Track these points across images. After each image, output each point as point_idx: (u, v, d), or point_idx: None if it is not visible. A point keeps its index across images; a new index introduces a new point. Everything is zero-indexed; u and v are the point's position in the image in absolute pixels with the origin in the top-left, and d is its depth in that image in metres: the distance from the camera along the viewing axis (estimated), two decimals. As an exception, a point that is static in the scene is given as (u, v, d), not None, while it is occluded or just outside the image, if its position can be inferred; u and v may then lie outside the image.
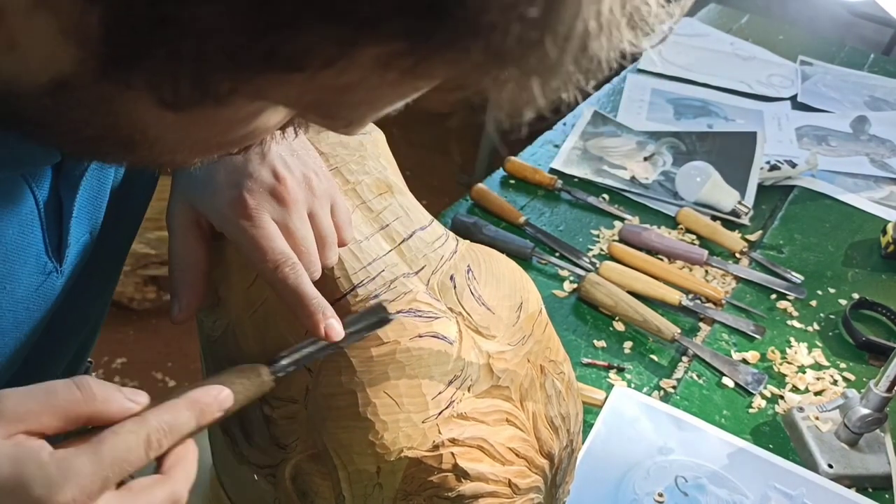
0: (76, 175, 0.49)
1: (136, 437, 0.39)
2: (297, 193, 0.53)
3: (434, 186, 2.75)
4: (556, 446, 0.57)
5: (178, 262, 0.55)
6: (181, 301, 0.55)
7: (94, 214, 0.53)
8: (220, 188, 0.53)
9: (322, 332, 0.48)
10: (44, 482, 0.36)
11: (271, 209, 0.52)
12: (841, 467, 0.84)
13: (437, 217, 0.96)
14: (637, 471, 0.80)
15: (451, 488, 0.51)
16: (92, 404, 0.39)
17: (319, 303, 0.49)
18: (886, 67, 1.76)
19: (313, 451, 0.52)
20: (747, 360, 0.96)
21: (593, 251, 1.10)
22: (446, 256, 0.59)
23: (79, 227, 0.51)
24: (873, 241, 1.20)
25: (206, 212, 0.54)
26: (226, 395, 0.44)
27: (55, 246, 0.50)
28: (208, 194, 0.54)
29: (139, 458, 0.39)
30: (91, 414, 0.39)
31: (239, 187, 0.52)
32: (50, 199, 0.48)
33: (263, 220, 0.51)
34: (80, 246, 0.52)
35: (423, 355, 0.52)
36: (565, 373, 0.61)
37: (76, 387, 0.38)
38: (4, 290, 0.47)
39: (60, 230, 0.50)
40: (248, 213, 0.51)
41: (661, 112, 1.46)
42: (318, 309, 0.49)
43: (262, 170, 0.53)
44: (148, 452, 0.39)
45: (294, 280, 0.50)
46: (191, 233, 0.55)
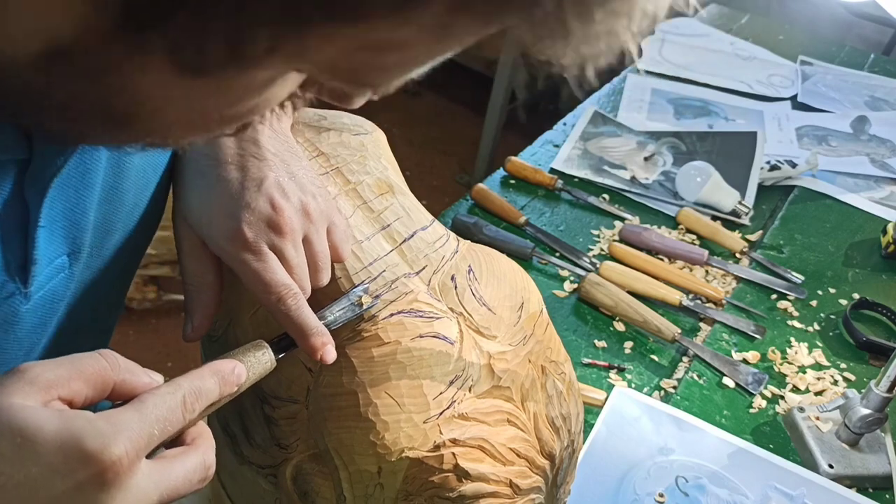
0: (45, 176, 0.45)
1: (174, 399, 0.40)
2: (293, 223, 0.53)
3: (434, 186, 2.75)
4: (557, 446, 0.57)
5: (192, 281, 0.55)
6: (194, 321, 0.54)
7: (72, 232, 0.49)
8: (216, 218, 0.53)
9: (318, 356, 0.50)
10: (95, 435, 0.36)
11: (268, 239, 0.52)
12: (841, 467, 0.84)
13: (438, 217, 0.96)
14: (637, 471, 0.80)
15: (453, 488, 0.51)
16: (118, 373, 0.40)
17: (319, 330, 0.50)
18: (886, 67, 1.76)
19: (314, 451, 0.52)
20: (748, 360, 0.96)
21: (593, 251, 1.10)
22: (447, 257, 0.59)
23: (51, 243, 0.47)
24: (873, 241, 1.20)
25: (205, 239, 0.54)
26: (241, 369, 0.45)
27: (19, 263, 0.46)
28: (205, 223, 0.53)
29: (178, 420, 0.40)
30: (117, 383, 0.39)
31: (237, 219, 0.52)
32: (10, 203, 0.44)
33: (263, 250, 0.51)
34: (53, 268, 0.49)
35: (424, 355, 0.52)
36: (566, 373, 0.61)
37: (101, 357, 0.39)
38: None
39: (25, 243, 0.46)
40: (248, 247, 0.51)
41: (661, 112, 1.46)
42: (318, 339, 0.50)
43: (259, 199, 0.53)
44: (184, 414, 0.41)
45: (296, 311, 0.50)
46: (201, 254, 0.55)
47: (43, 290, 0.49)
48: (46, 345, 0.53)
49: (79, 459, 0.35)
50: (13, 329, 0.49)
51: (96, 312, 0.58)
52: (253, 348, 0.47)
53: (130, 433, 0.37)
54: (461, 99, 3.17)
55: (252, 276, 0.51)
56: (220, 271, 0.55)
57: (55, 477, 0.35)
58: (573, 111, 1.41)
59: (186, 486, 0.40)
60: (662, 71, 1.58)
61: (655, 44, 1.68)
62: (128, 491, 0.37)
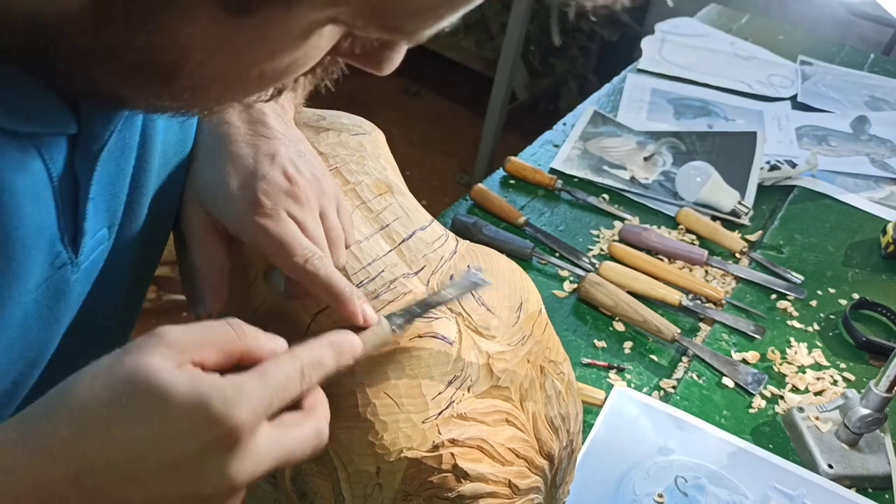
0: (94, 150, 0.46)
1: (293, 368, 0.41)
2: (309, 193, 0.54)
3: (434, 186, 2.75)
4: (555, 446, 0.57)
5: (202, 264, 0.55)
6: (207, 303, 0.54)
7: (112, 206, 0.50)
8: (232, 192, 0.53)
9: (360, 319, 0.49)
10: (221, 399, 0.37)
11: (287, 207, 0.52)
12: (841, 467, 0.84)
13: (437, 217, 0.96)
14: (637, 471, 0.80)
15: (451, 489, 0.51)
16: (244, 340, 0.41)
17: (353, 290, 0.50)
18: (886, 67, 1.76)
19: (313, 451, 0.52)
20: (747, 360, 0.96)
21: (593, 251, 1.10)
22: (446, 257, 0.59)
23: (95, 216, 0.49)
24: (873, 241, 1.20)
25: (220, 216, 0.54)
26: (357, 341, 0.46)
27: (71, 233, 0.47)
28: (220, 198, 0.54)
29: (296, 388, 0.41)
30: (244, 350, 0.41)
31: (253, 189, 0.52)
32: (64, 176, 0.45)
33: (282, 216, 0.52)
34: (95, 240, 0.50)
35: (422, 356, 0.52)
36: (565, 373, 0.61)
37: (230, 325, 0.41)
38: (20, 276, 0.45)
39: (76, 215, 0.47)
40: (267, 213, 0.51)
41: (661, 112, 1.46)
42: (353, 296, 0.50)
43: (273, 171, 0.53)
44: (302, 383, 0.42)
45: (325, 272, 0.50)
46: (211, 236, 0.55)
47: (87, 261, 0.50)
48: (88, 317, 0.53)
49: (205, 422, 0.37)
50: (64, 298, 0.49)
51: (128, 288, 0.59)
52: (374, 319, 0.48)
53: (253, 399, 0.38)
54: (461, 99, 3.17)
55: (274, 242, 0.51)
56: (230, 256, 0.55)
57: (184, 436, 0.37)
58: (573, 111, 1.41)
59: (301, 453, 0.42)
60: (662, 71, 1.58)
61: (655, 44, 1.68)
62: (248, 454, 0.38)
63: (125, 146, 0.49)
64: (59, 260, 0.47)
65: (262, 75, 0.38)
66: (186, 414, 0.37)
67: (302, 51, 0.37)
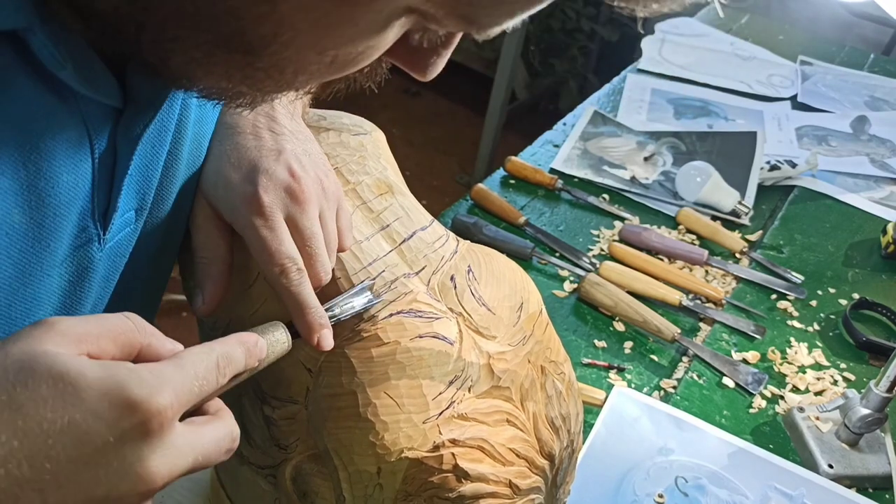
0: (138, 127, 0.45)
1: (209, 360, 0.40)
2: (311, 193, 0.53)
3: (434, 186, 2.75)
4: (556, 447, 0.57)
5: (204, 254, 0.54)
6: (206, 293, 0.54)
7: (143, 188, 0.49)
8: (233, 184, 0.53)
9: (314, 341, 0.49)
10: (140, 384, 0.35)
11: (284, 206, 0.52)
12: (841, 467, 0.84)
13: (437, 217, 0.96)
14: (637, 471, 0.80)
15: (452, 489, 0.51)
16: (144, 335, 0.39)
17: (316, 312, 0.50)
18: (886, 67, 1.76)
19: (314, 451, 0.52)
20: (747, 360, 0.96)
21: (593, 251, 1.10)
22: (447, 257, 0.59)
23: (128, 195, 0.48)
24: (873, 241, 1.20)
25: (219, 207, 0.54)
26: (263, 343, 0.44)
27: (102, 208, 0.46)
28: (221, 188, 0.53)
29: (213, 381, 0.40)
30: (143, 346, 0.39)
31: (254, 184, 0.52)
32: (106, 149, 0.44)
33: (275, 219, 0.51)
34: (123, 221, 0.49)
35: (423, 356, 0.52)
36: (566, 373, 0.61)
37: (127, 318, 0.39)
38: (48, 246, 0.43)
39: (110, 190, 0.46)
40: (261, 211, 0.51)
41: (661, 112, 1.46)
42: (314, 319, 0.49)
43: (277, 167, 0.53)
44: (218, 377, 0.40)
45: (297, 287, 0.50)
46: (213, 226, 0.54)
47: (113, 241, 0.48)
48: (108, 301, 0.52)
49: (124, 407, 0.34)
50: (87, 277, 0.48)
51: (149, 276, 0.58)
52: (271, 327, 0.47)
53: (175, 385, 0.36)
54: (461, 99, 3.17)
55: (259, 243, 0.50)
56: (232, 245, 0.55)
57: (99, 423, 0.34)
58: (573, 111, 1.41)
59: (216, 454, 0.40)
60: (662, 71, 1.58)
61: (655, 44, 1.68)
62: (168, 447, 0.36)
63: (163, 129, 0.49)
64: (87, 234, 0.46)
65: (333, 62, 0.37)
66: (102, 399, 0.34)
67: (376, 40, 0.37)
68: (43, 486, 0.33)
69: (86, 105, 0.42)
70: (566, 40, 2.98)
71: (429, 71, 0.42)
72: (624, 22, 2.88)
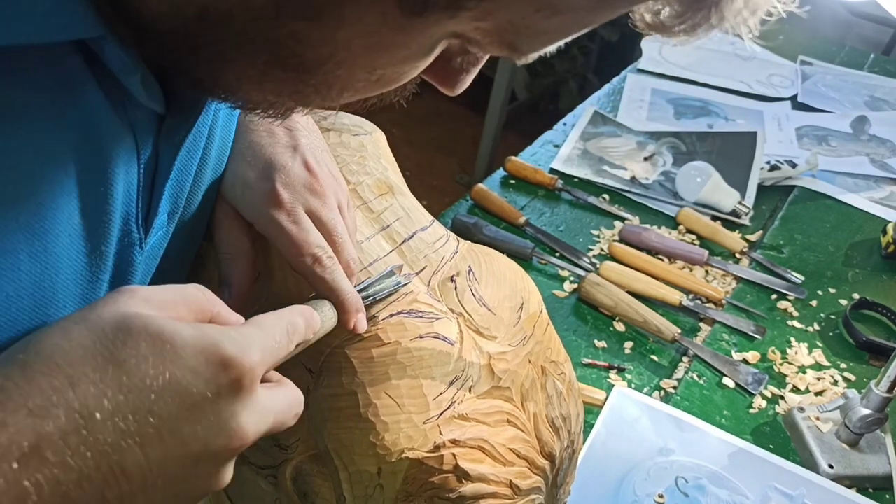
0: (180, 132, 0.46)
1: (281, 327, 0.41)
2: (328, 185, 0.54)
3: (434, 186, 2.75)
4: (557, 447, 0.57)
5: (228, 249, 0.54)
6: (232, 290, 0.54)
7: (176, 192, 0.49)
8: (251, 182, 0.53)
9: (351, 325, 0.50)
10: (233, 343, 0.36)
11: (304, 200, 0.52)
12: (841, 468, 0.84)
13: (437, 217, 0.96)
14: (637, 471, 0.80)
15: (452, 489, 0.51)
16: (214, 305, 0.40)
17: (354, 298, 0.50)
18: (886, 67, 1.76)
19: (314, 451, 0.52)
20: (748, 360, 0.96)
21: (593, 251, 1.10)
22: (447, 257, 0.59)
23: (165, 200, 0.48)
24: (873, 241, 1.20)
25: (238, 206, 0.54)
26: (317, 317, 0.46)
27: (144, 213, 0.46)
28: (239, 185, 0.53)
29: (285, 345, 0.41)
30: (213, 314, 0.40)
31: (272, 181, 0.52)
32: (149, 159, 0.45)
33: (298, 212, 0.51)
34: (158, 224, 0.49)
35: (424, 356, 0.52)
36: (566, 373, 0.61)
37: (197, 288, 0.40)
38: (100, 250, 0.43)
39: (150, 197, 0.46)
40: (283, 206, 0.51)
41: (661, 112, 1.46)
42: (352, 306, 0.50)
43: (294, 162, 0.53)
44: (288, 343, 0.41)
45: (331, 274, 0.50)
46: (236, 222, 0.54)
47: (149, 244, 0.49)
48: None
49: (219, 363, 0.35)
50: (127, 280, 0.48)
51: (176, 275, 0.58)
52: (319, 304, 0.48)
53: (261, 345, 0.38)
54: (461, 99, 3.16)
55: (286, 238, 0.51)
56: (254, 240, 0.55)
57: (198, 379, 0.35)
58: (573, 111, 1.41)
59: (289, 416, 0.41)
60: (662, 71, 1.58)
61: (655, 44, 1.68)
62: (255, 404, 0.37)
63: (198, 135, 0.49)
64: (130, 238, 0.46)
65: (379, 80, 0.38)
66: (197, 356, 0.35)
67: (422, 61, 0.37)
68: (145, 440, 0.34)
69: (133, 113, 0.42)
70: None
71: (458, 87, 0.43)
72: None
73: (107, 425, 0.33)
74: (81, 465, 0.33)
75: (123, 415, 0.33)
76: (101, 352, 0.34)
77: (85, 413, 0.33)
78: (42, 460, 0.32)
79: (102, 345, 0.34)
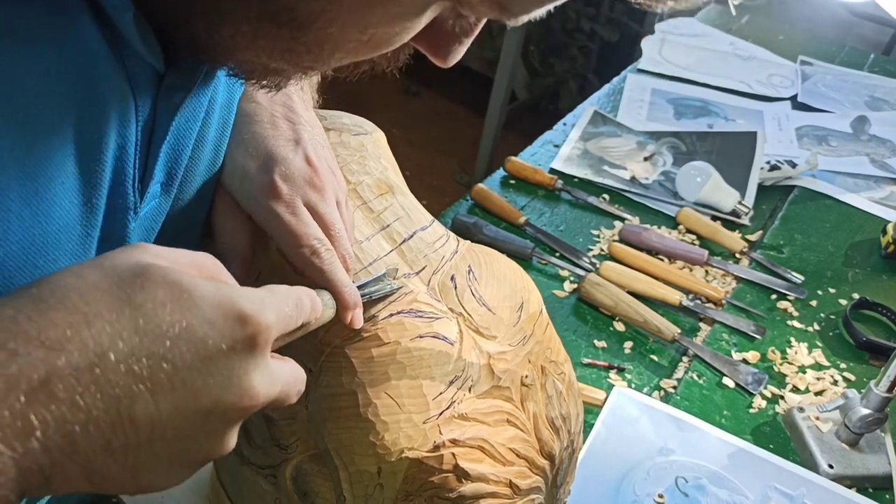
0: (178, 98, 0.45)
1: (292, 299, 0.41)
2: (328, 180, 0.54)
3: (434, 186, 2.75)
4: (556, 447, 0.57)
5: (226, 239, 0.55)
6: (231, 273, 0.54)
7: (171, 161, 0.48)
8: (249, 173, 0.53)
9: (349, 318, 0.50)
10: (250, 301, 0.36)
11: (303, 193, 0.52)
12: (841, 467, 0.84)
13: (437, 217, 0.96)
14: (637, 471, 0.80)
15: (452, 489, 0.51)
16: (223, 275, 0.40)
17: (352, 292, 0.50)
18: (886, 67, 1.76)
19: (314, 451, 0.52)
20: (748, 360, 0.96)
21: (593, 251, 1.10)
22: (447, 257, 0.59)
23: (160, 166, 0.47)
24: (873, 241, 1.20)
25: (237, 197, 0.54)
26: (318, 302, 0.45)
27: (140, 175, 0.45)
28: (238, 176, 0.53)
29: (294, 319, 0.41)
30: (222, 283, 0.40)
31: (270, 172, 0.52)
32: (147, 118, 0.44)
33: (297, 204, 0.51)
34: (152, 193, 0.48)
35: (423, 356, 0.52)
36: (566, 373, 0.61)
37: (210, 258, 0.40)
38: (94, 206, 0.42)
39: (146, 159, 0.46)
40: (282, 198, 0.51)
41: (661, 112, 1.46)
42: (350, 298, 0.50)
43: (295, 156, 0.53)
44: (297, 317, 0.41)
45: (329, 266, 0.50)
46: (236, 211, 0.55)
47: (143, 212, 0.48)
48: None
49: (235, 318, 0.35)
50: None
51: None
52: (319, 293, 0.47)
53: (276, 308, 0.38)
54: (461, 99, 3.17)
55: (284, 229, 0.51)
56: (253, 230, 0.55)
57: (214, 331, 0.35)
58: (573, 111, 1.41)
59: (293, 392, 0.41)
60: (662, 71, 1.58)
61: (655, 44, 1.68)
62: (266, 367, 0.37)
63: (197, 106, 0.49)
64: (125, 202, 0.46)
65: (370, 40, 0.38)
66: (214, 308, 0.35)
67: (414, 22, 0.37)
68: (158, 388, 0.33)
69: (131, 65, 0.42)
70: (566, 40, 2.98)
71: (450, 57, 0.42)
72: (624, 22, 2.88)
73: (120, 367, 0.32)
74: (91, 406, 0.32)
75: (137, 358, 0.33)
76: (118, 294, 0.34)
77: (99, 352, 0.32)
78: (51, 395, 0.31)
79: (119, 287, 0.34)
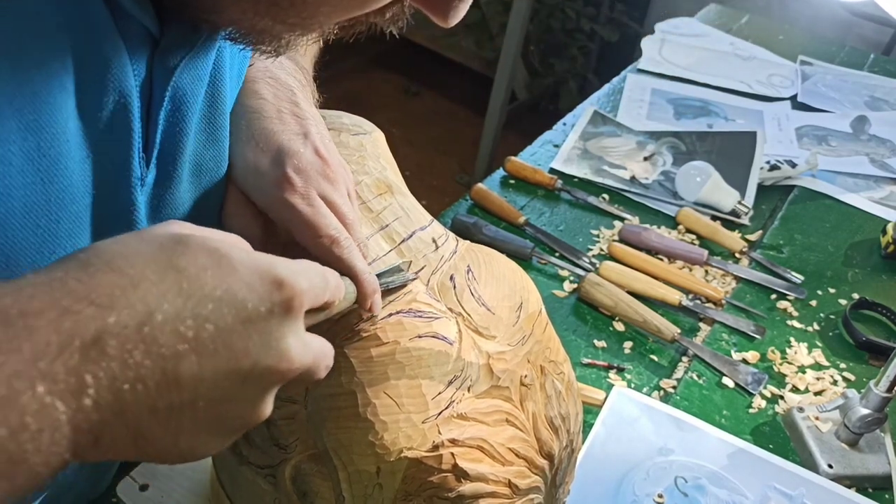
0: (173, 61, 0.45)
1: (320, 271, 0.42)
2: (339, 172, 0.54)
3: (434, 186, 2.75)
4: (556, 446, 0.57)
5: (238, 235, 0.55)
6: None
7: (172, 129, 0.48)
8: (261, 168, 0.53)
9: (368, 305, 0.50)
10: (285, 267, 0.37)
11: (318, 185, 0.52)
12: (841, 467, 0.84)
13: (437, 217, 0.96)
14: (637, 471, 0.80)
15: (451, 489, 0.51)
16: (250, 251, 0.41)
17: (371, 278, 0.51)
18: (886, 67, 1.76)
19: (313, 451, 0.52)
20: (747, 360, 0.96)
21: (593, 251, 1.10)
22: (446, 257, 0.59)
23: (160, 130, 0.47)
24: (873, 241, 1.20)
25: (250, 193, 0.54)
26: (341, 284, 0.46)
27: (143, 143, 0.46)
28: (250, 174, 0.54)
29: (322, 291, 0.42)
30: None
31: (282, 166, 0.52)
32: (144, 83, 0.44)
33: (313, 196, 0.52)
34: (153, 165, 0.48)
35: (423, 356, 0.52)
36: (565, 373, 0.61)
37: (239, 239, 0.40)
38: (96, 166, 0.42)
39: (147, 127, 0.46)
40: (297, 190, 0.51)
41: (661, 112, 1.46)
42: (370, 285, 0.50)
43: (305, 149, 0.54)
44: (324, 291, 0.42)
45: (349, 254, 0.50)
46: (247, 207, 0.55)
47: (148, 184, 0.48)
48: None
49: (273, 282, 0.37)
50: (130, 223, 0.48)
51: None
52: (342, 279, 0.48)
53: (308, 277, 0.39)
54: (461, 99, 3.17)
55: (302, 221, 0.51)
56: (264, 227, 0.55)
57: (253, 294, 0.36)
58: (573, 111, 1.41)
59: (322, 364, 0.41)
60: (662, 71, 1.58)
61: (655, 44, 1.68)
62: (301, 332, 0.38)
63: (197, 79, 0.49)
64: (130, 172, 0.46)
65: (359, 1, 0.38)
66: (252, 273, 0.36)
67: None
68: (201, 349, 0.34)
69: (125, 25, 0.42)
70: (566, 40, 2.98)
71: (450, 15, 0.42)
72: (624, 22, 2.88)
73: (166, 327, 0.33)
74: (139, 364, 0.33)
75: (182, 319, 0.34)
76: (161, 259, 0.35)
77: (146, 312, 0.33)
78: (102, 353, 0.32)
79: (162, 252, 0.35)
